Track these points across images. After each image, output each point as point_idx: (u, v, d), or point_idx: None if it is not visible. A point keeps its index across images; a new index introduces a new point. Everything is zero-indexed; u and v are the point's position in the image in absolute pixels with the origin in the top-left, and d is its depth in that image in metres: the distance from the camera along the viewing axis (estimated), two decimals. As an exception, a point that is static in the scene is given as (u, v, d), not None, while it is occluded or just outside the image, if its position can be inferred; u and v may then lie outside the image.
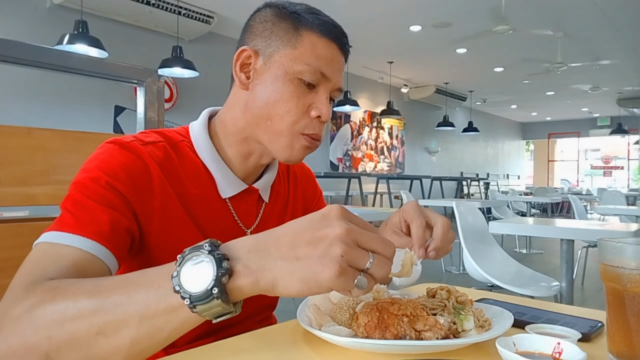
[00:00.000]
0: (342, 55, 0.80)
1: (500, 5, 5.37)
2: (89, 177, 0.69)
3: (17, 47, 1.11)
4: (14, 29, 4.92)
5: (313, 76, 0.75)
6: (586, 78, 9.96)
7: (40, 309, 0.52)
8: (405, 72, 9.72)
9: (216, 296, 0.49)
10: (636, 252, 0.53)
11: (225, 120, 0.83)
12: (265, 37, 0.77)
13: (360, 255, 0.49)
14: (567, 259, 2.35)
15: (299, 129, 0.76)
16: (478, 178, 12.22)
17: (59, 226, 0.64)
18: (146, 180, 0.73)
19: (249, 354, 0.58)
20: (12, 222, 0.86)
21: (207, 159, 0.81)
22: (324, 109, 0.76)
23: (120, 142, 0.74)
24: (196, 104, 6.61)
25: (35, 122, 3.16)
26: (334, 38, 0.77)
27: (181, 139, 0.81)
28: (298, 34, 0.76)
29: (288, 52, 0.75)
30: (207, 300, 0.50)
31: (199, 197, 0.79)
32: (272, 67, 0.76)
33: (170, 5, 5.65)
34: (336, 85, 0.79)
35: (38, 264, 0.60)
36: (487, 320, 0.62)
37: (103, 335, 0.51)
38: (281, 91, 0.75)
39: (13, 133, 0.88)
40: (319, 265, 0.48)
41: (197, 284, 0.50)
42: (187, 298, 0.50)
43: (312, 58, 0.75)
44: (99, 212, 0.66)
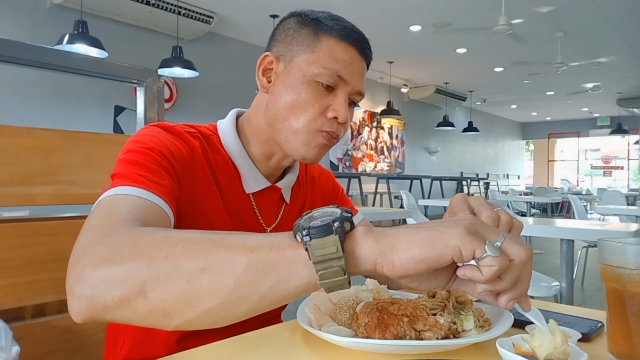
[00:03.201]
0: (363, 60, 0.82)
1: (500, 5, 5.37)
2: (143, 147, 0.71)
3: (17, 47, 1.11)
4: (14, 29, 4.92)
5: (330, 79, 0.77)
6: (586, 78, 9.96)
7: (146, 236, 0.51)
8: (405, 72, 9.72)
9: (335, 230, 0.47)
10: (636, 252, 0.53)
11: (251, 122, 0.86)
12: (287, 43, 0.81)
13: (491, 230, 0.49)
14: (567, 259, 2.35)
15: (315, 126, 0.78)
16: (478, 178, 12.22)
17: (124, 182, 0.63)
18: (189, 161, 0.76)
19: (249, 354, 0.58)
20: (12, 222, 0.86)
21: (235, 154, 0.84)
22: (340, 110, 0.78)
23: (164, 126, 0.77)
24: (196, 104, 6.61)
25: (35, 122, 3.16)
26: (353, 42, 0.79)
27: (210, 133, 0.85)
28: (317, 39, 0.78)
29: (307, 57, 0.78)
30: (325, 234, 0.47)
31: (226, 188, 0.82)
32: (292, 70, 0.79)
33: (170, 5, 5.64)
34: (355, 88, 0.80)
35: (121, 207, 0.59)
36: (487, 320, 0.62)
37: (207, 272, 0.48)
38: (299, 93, 0.78)
39: (13, 133, 0.88)
40: (446, 227, 0.48)
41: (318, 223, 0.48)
42: (305, 229, 0.48)
43: (330, 61, 0.77)
44: (160, 174, 0.68)
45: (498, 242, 0.48)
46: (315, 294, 0.68)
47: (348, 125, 0.83)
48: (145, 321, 0.51)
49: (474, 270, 0.48)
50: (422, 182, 10.17)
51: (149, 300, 0.48)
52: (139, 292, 0.48)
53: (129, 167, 0.67)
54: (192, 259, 0.49)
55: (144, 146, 0.71)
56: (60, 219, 0.92)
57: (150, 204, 0.62)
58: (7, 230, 0.85)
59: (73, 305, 0.51)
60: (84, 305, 0.50)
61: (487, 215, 0.68)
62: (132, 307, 0.49)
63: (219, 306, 0.49)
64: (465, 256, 0.47)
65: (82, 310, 0.50)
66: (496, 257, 0.47)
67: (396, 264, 0.48)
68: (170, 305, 0.49)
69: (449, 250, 0.47)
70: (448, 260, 0.47)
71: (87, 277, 0.50)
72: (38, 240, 0.87)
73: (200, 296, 0.48)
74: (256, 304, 0.50)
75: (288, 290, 0.49)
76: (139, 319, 0.50)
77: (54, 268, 0.88)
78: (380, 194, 9.52)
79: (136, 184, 0.63)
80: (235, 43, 7.07)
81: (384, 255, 0.48)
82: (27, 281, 0.85)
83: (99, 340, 0.95)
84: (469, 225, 0.48)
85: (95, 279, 0.49)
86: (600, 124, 15.02)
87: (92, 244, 0.53)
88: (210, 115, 6.63)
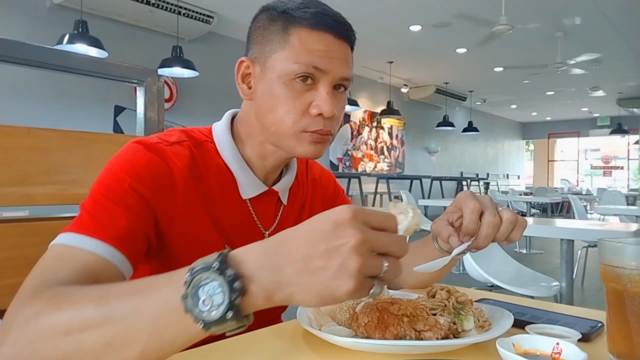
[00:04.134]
0: (342, 43, 0.76)
1: (500, 5, 5.37)
2: (112, 178, 0.69)
3: (17, 47, 1.11)
4: (14, 29, 4.92)
5: (307, 72, 0.73)
6: (586, 78, 9.96)
7: (46, 316, 0.52)
8: (405, 72, 9.72)
9: (230, 319, 0.48)
10: (636, 252, 0.53)
11: (243, 125, 0.84)
12: (259, 44, 0.77)
13: (376, 264, 0.47)
14: (567, 259, 2.35)
15: (300, 127, 0.75)
16: (478, 178, 12.22)
17: (77, 227, 0.64)
18: (170, 183, 0.73)
19: (249, 354, 0.58)
20: (12, 222, 0.86)
21: (230, 159, 0.81)
22: (324, 105, 0.74)
23: (145, 143, 0.74)
24: (196, 104, 6.61)
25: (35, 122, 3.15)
26: (326, 28, 0.74)
27: (205, 139, 0.82)
28: (287, 33, 0.74)
29: (279, 55, 0.74)
30: (221, 323, 0.48)
31: (221, 197, 0.79)
32: (267, 72, 0.76)
33: (170, 5, 5.64)
34: (338, 75, 0.75)
35: (50, 267, 0.60)
36: (487, 320, 0.62)
37: (111, 347, 0.50)
38: (277, 95, 0.75)
39: (13, 133, 0.88)
40: (336, 281, 0.46)
41: (210, 308, 0.48)
42: (200, 322, 0.48)
43: (302, 54, 0.73)
44: (118, 215, 0.66)
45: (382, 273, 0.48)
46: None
47: (339, 116, 0.78)
48: None
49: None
50: (422, 182, 10.17)
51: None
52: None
53: (89, 205, 0.67)
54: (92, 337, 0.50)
55: (113, 177, 0.69)
56: (60, 219, 0.92)
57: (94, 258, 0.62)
58: (7, 230, 0.85)
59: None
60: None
61: (488, 222, 0.69)
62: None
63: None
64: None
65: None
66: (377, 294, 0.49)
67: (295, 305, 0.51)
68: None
69: (340, 302, 0.51)
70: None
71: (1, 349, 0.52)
72: (38, 240, 0.87)
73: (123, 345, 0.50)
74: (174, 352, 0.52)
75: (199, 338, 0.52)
76: None
77: (54, 268, 0.88)
78: (380, 194, 9.52)
79: (88, 231, 0.63)
80: (235, 43, 7.06)
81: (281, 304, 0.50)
82: (27, 281, 0.85)
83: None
84: (357, 274, 0.46)
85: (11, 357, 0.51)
86: (600, 124, 15.02)
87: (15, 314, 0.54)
88: (210, 115, 6.62)
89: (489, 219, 0.69)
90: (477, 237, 0.70)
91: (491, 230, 0.69)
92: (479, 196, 0.73)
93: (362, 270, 0.46)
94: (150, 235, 0.71)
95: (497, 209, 0.71)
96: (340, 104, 0.79)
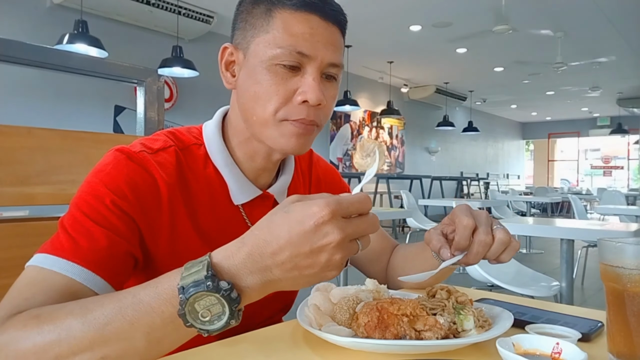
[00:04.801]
0: (330, 25, 0.70)
1: (500, 5, 5.37)
2: (93, 194, 0.65)
3: (17, 47, 1.11)
4: (14, 29, 4.91)
5: (290, 57, 0.67)
6: (586, 78, 9.96)
7: (25, 340, 0.50)
8: (405, 72, 9.72)
9: (233, 323, 0.50)
10: (636, 252, 0.53)
11: (231, 122, 0.80)
12: (242, 30, 0.73)
13: (353, 248, 0.52)
14: (567, 259, 2.35)
15: (280, 116, 0.70)
16: (478, 178, 12.22)
17: (53, 248, 0.61)
18: (154, 196, 0.69)
19: (249, 354, 0.58)
20: (12, 222, 0.86)
21: (220, 163, 0.77)
22: (309, 92, 0.68)
23: (128, 152, 0.69)
24: (196, 104, 6.60)
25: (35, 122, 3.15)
26: (311, 9, 0.68)
27: (194, 141, 0.77)
28: (270, 16, 0.69)
29: (261, 39, 0.69)
30: (224, 328, 0.50)
31: (210, 205, 0.75)
32: (250, 58, 0.71)
33: (170, 5, 5.64)
34: (325, 60, 0.69)
35: (21, 294, 0.57)
36: (487, 320, 0.62)
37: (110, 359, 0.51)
38: (260, 82, 0.69)
39: (13, 133, 0.88)
40: (323, 273, 0.51)
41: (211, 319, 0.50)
42: (204, 332, 0.50)
43: (285, 38, 0.67)
44: (98, 235, 0.62)
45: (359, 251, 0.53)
46: (315, 294, 0.68)
47: (328, 107, 0.73)
48: None
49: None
50: (422, 182, 10.16)
51: None
52: None
53: (68, 223, 0.63)
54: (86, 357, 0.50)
55: (94, 192, 0.65)
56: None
57: (70, 283, 0.59)
58: (7, 230, 0.85)
59: None
60: None
61: (479, 240, 0.67)
62: None
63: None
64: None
65: None
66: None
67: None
68: None
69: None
70: None
71: None
72: (38, 240, 0.86)
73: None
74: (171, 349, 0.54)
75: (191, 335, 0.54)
76: None
77: (54, 268, 0.88)
78: (380, 193, 9.52)
79: (65, 254, 0.60)
80: (235, 43, 7.06)
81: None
82: (27, 281, 0.85)
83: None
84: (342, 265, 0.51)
85: None
86: (600, 123, 15.02)
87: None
88: (210, 115, 6.55)
89: (480, 238, 0.68)
90: (467, 254, 0.69)
91: (481, 249, 0.68)
92: (476, 212, 0.71)
93: (344, 259, 0.51)
94: (136, 252, 0.67)
95: (492, 227, 0.69)
96: (329, 92, 0.72)
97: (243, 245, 0.51)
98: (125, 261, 0.65)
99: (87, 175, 0.69)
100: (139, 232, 0.68)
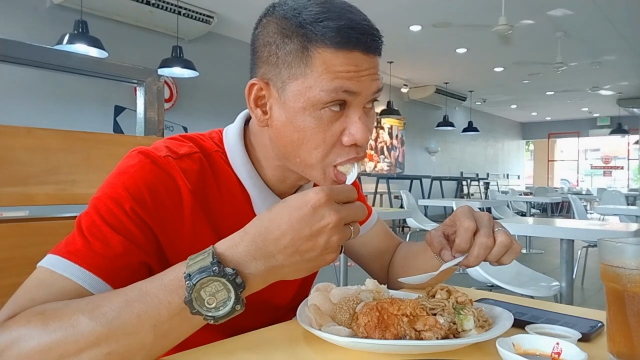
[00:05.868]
0: (372, 56, 0.67)
1: (500, 5, 5.37)
2: (113, 198, 0.63)
3: (17, 47, 1.11)
4: (14, 29, 4.91)
5: (337, 98, 0.63)
6: (586, 78, 9.95)
7: (30, 340, 0.50)
8: (405, 72, 9.72)
9: (238, 309, 0.53)
10: (636, 252, 0.53)
11: (258, 144, 0.76)
12: (273, 65, 0.66)
13: (347, 233, 0.57)
14: (567, 259, 2.35)
15: (330, 161, 0.67)
16: (478, 178, 12.22)
17: (67, 251, 0.60)
18: (175, 204, 0.67)
19: (249, 354, 0.58)
20: (12, 222, 0.86)
21: (243, 175, 0.74)
22: (357, 133, 0.65)
23: (152, 157, 0.67)
24: (196, 104, 6.60)
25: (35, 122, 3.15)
26: (354, 46, 0.63)
27: (215, 148, 0.75)
28: (308, 55, 0.63)
29: (301, 82, 0.64)
30: (229, 314, 0.53)
31: (231, 214, 0.73)
32: (288, 101, 0.65)
33: (170, 5, 5.64)
34: (370, 93, 0.67)
35: (30, 293, 0.57)
36: (487, 320, 0.62)
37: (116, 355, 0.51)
38: (303, 128, 0.65)
39: (13, 133, 0.88)
40: (322, 256, 0.56)
41: (217, 305, 0.52)
42: (210, 319, 0.52)
43: (329, 80, 0.63)
44: (114, 243, 0.60)
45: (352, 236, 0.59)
46: (315, 294, 0.68)
47: (371, 134, 0.69)
48: None
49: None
50: (422, 182, 10.16)
51: None
52: None
53: (85, 225, 0.62)
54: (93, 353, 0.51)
55: (114, 196, 0.63)
56: (60, 219, 0.92)
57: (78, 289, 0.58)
58: (7, 230, 0.85)
59: None
60: None
61: (480, 243, 0.68)
62: None
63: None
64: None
65: None
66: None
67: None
68: None
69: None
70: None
71: None
72: (38, 240, 0.87)
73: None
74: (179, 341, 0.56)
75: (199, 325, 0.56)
76: None
77: (54, 268, 0.88)
78: (380, 193, 9.52)
79: (77, 259, 0.59)
80: (235, 43, 7.06)
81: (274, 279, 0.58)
82: (27, 281, 0.85)
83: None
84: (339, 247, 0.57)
85: None
86: (600, 123, 15.01)
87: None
88: (210, 115, 6.63)
89: (482, 240, 0.68)
90: (468, 256, 0.69)
91: (482, 252, 0.68)
92: (478, 214, 0.71)
93: (340, 242, 0.56)
94: (151, 262, 0.65)
95: (493, 229, 0.69)
96: (371, 120, 0.70)
97: (246, 234, 0.55)
98: (139, 271, 0.63)
99: (109, 175, 0.67)
100: (157, 241, 0.66)
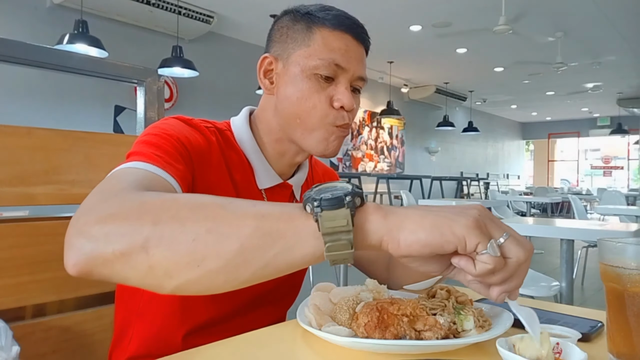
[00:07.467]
0: (359, 45, 0.82)
1: (500, 5, 5.37)
2: (163, 132, 0.72)
3: (17, 47, 1.11)
4: (14, 29, 4.91)
5: (328, 69, 0.78)
6: (586, 78, 9.95)
7: (153, 197, 0.52)
8: (405, 72, 9.72)
9: (347, 204, 0.48)
10: (636, 252, 0.53)
11: (261, 121, 0.87)
12: (282, 42, 0.82)
13: (497, 226, 0.50)
14: (567, 259, 2.35)
15: (330, 121, 0.79)
16: (478, 178, 12.21)
17: (138, 157, 0.65)
18: (206, 154, 0.77)
19: (248, 354, 0.58)
20: (12, 222, 0.86)
21: (249, 150, 0.85)
22: (344, 98, 0.78)
23: (182, 119, 0.79)
24: (196, 104, 6.60)
25: (35, 122, 3.16)
26: (346, 29, 0.79)
27: (225, 128, 0.86)
28: (311, 32, 0.79)
29: (303, 51, 0.79)
30: (336, 207, 0.48)
31: (240, 183, 0.83)
32: (290, 68, 0.80)
33: (170, 5, 5.64)
34: (355, 74, 0.80)
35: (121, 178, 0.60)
36: (487, 320, 0.62)
37: (214, 233, 0.48)
38: (301, 89, 0.79)
39: (13, 133, 0.88)
40: (455, 215, 0.49)
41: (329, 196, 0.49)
42: (317, 200, 0.48)
43: (325, 52, 0.78)
44: (176, 158, 0.69)
45: (502, 239, 0.49)
46: (315, 294, 0.68)
47: (355, 112, 0.83)
48: (144, 279, 0.49)
49: (468, 262, 0.50)
50: (422, 182, 10.16)
51: (151, 256, 0.47)
52: (141, 248, 0.48)
53: (146, 147, 0.68)
54: (199, 220, 0.49)
55: (164, 132, 0.72)
56: (60, 219, 0.92)
57: (162, 180, 0.63)
58: (7, 230, 0.85)
59: (70, 257, 0.49)
60: (82, 258, 0.48)
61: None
62: (132, 262, 0.48)
63: (223, 268, 0.48)
64: (469, 248, 0.48)
65: (79, 262, 0.49)
66: (493, 257, 0.48)
67: (401, 244, 0.49)
68: (173, 263, 0.48)
69: (455, 240, 0.48)
70: (452, 249, 0.49)
71: (90, 231, 0.49)
72: (38, 240, 0.87)
73: (205, 256, 0.48)
74: (260, 269, 0.49)
75: (293, 259, 0.50)
76: (138, 276, 0.49)
77: (54, 268, 0.88)
78: (380, 194, 9.52)
79: (151, 161, 0.64)
80: (235, 43, 7.06)
81: (390, 233, 0.49)
82: (27, 281, 0.85)
83: (99, 340, 0.95)
84: (477, 217, 0.49)
85: (98, 233, 0.49)
86: (600, 124, 15.01)
87: (97, 203, 0.53)
88: (210, 115, 6.59)
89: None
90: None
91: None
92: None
93: (482, 218, 0.49)
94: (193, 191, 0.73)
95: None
96: (356, 101, 0.82)
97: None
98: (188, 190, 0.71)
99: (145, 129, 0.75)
100: (193, 177, 0.74)
